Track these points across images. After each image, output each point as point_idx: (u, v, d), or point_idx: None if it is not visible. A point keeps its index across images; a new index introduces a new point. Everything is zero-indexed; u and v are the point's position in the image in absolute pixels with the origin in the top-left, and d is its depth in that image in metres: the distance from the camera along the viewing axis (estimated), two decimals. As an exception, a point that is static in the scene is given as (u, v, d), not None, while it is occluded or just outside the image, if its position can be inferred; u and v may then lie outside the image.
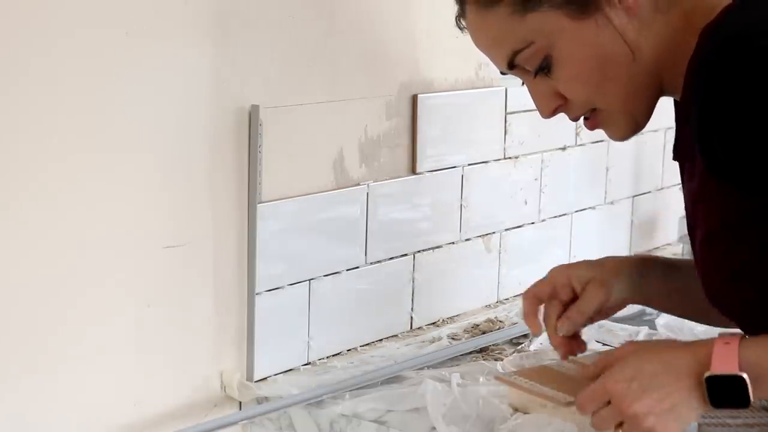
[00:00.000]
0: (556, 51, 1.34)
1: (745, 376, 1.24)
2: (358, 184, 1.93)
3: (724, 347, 1.25)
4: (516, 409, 1.58)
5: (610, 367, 1.33)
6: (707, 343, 1.28)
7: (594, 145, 2.47)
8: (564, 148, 2.39)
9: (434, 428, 1.61)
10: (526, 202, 2.30)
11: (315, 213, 1.86)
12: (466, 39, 2.14)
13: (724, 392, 1.25)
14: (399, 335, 2.04)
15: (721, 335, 1.28)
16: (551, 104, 1.38)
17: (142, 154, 1.62)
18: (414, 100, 2.02)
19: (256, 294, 1.77)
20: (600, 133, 2.55)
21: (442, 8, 2.06)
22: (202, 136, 1.69)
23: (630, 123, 1.39)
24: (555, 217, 2.39)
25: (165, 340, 1.68)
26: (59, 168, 1.52)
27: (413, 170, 2.04)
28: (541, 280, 1.55)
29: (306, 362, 1.87)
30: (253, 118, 1.74)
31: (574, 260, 2.43)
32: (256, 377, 1.79)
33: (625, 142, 1.46)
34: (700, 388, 1.26)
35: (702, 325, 2.04)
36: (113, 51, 1.56)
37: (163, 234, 1.66)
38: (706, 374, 1.25)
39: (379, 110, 1.96)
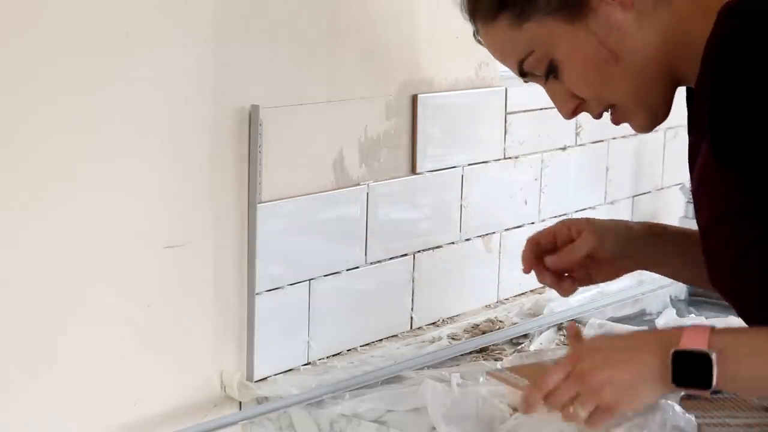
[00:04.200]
0: (557, 55, 1.38)
1: (712, 354, 1.25)
2: (358, 184, 1.93)
3: (695, 328, 1.28)
4: (516, 409, 1.58)
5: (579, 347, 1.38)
6: (677, 329, 1.30)
7: (594, 145, 2.47)
8: (564, 148, 2.39)
9: (434, 428, 1.61)
10: (526, 202, 2.30)
11: (315, 213, 1.86)
12: (466, 39, 2.14)
13: (688, 371, 1.26)
14: (399, 335, 2.04)
15: (694, 325, 1.31)
16: (569, 105, 1.42)
17: (142, 154, 1.62)
18: (414, 100, 2.02)
19: (256, 294, 1.77)
20: (600, 133, 2.56)
21: (442, 8, 2.07)
22: (202, 136, 1.69)
23: (648, 114, 1.41)
24: (555, 217, 2.39)
25: (165, 340, 1.68)
26: (59, 168, 1.52)
27: (413, 170, 2.04)
28: (544, 229, 1.63)
29: (306, 362, 1.87)
30: (253, 118, 1.74)
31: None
32: (256, 377, 1.79)
33: (625, 141, 1.47)
34: (663, 368, 1.27)
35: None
36: (113, 51, 1.56)
37: (163, 234, 1.66)
38: (674, 349, 1.26)
39: (379, 110, 1.96)
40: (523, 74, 1.42)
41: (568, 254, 1.57)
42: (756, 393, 1.39)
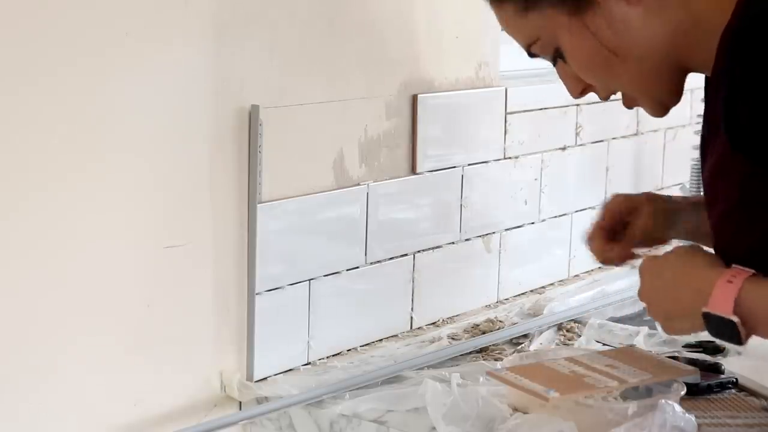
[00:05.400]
0: (561, 45, 1.39)
1: (735, 320, 1.26)
2: (358, 184, 1.93)
3: (726, 286, 1.28)
4: (516, 409, 1.58)
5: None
6: (714, 275, 1.30)
7: (594, 145, 2.47)
8: (564, 148, 2.39)
9: (434, 428, 1.61)
10: (526, 202, 2.30)
11: (315, 213, 1.86)
12: (466, 39, 2.14)
13: (719, 327, 1.29)
14: (399, 335, 2.04)
15: (734, 268, 1.30)
16: (577, 87, 1.44)
17: (142, 154, 1.62)
18: (414, 100, 2.02)
19: (256, 294, 1.77)
20: (600, 133, 2.56)
21: (442, 8, 2.07)
22: (202, 136, 1.69)
23: (655, 103, 1.42)
24: (555, 217, 2.39)
25: (165, 340, 1.68)
26: (59, 168, 1.52)
27: (413, 170, 2.04)
28: (603, 213, 1.67)
29: (306, 362, 1.87)
30: (253, 118, 1.74)
31: (574, 261, 2.44)
32: (256, 377, 1.79)
33: (625, 141, 1.47)
34: (697, 319, 1.30)
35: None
36: (113, 51, 1.56)
37: (163, 234, 1.66)
38: (703, 310, 1.29)
39: (379, 110, 1.96)
40: (532, 56, 1.43)
41: (627, 244, 1.63)
42: None
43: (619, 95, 1.46)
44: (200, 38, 1.67)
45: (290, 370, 1.84)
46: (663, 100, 1.42)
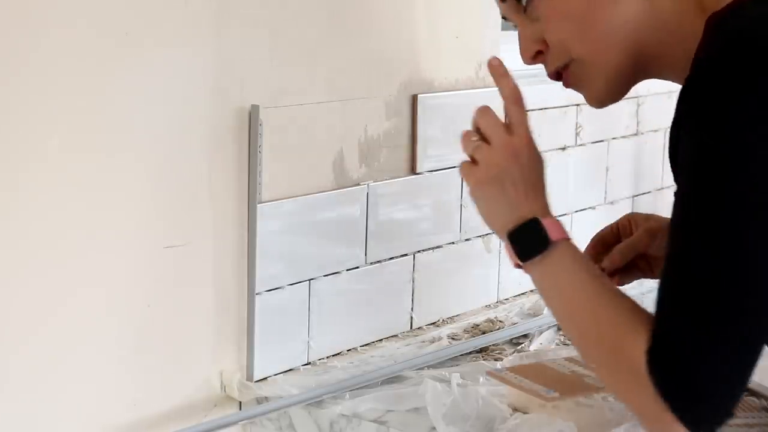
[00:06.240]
0: None
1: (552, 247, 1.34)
2: (358, 184, 1.93)
3: (558, 227, 1.37)
4: (516, 409, 1.59)
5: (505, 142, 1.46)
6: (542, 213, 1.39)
7: (594, 145, 2.47)
8: (564, 148, 2.39)
9: (434, 428, 1.61)
10: (526, 202, 2.30)
11: (315, 213, 1.86)
12: (465, 39, 2.14)
13: (525, 239, 1.39)
14: (399, 335, 2.04)
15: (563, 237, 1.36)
16: (532, 48, 1.42)
17: (142, 154, 1.62)
18: (414, 100, 2.02)
19: (256, 294, 1.77)
20: (600, 133, 2.55)
21: (442, 8, 2.07)
22: (202, 136, 1.69)
23: (603, 84, 1.38)
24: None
25: (165, 340, 1.68)
26: (59, 168, 1.52)
27: (413, 170, 2.04)
28: (608, 225, 1.63)
29: (306, 362, 1.87)
30: (253, 118, 1.74)
31: (574, 260, 2.43)
32: (256, 377, 1.79)
33: (625, 141, 1.45)
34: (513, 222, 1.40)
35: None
36: (113, 51, 1.56)
37: (163, 234, 1.66)
38: (535, 216, 1.39)
39: (379, 110, 1.96)
40: None
41: (618, 254, 1.58)
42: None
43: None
44: (200, 38, 1.67)
45: (290, 370, 1.84)
46: (612, 86, 1.37)
